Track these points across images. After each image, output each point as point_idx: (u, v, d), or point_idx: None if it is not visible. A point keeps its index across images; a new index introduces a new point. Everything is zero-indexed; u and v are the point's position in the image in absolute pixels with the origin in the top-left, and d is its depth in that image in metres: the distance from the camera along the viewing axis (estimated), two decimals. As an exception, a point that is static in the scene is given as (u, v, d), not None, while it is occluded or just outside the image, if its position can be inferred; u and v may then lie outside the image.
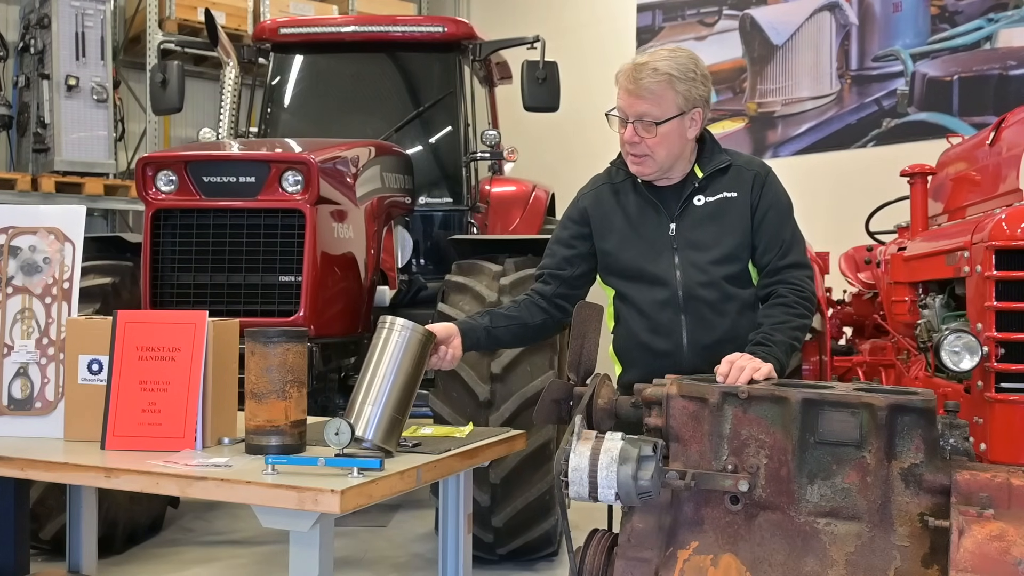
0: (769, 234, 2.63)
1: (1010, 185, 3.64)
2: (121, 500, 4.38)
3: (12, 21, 7.34)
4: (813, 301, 2.64)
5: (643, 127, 2.57)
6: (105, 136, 7.06)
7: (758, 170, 2.69)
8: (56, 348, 2.83)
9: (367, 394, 2.44)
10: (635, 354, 2.68)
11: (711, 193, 2.66)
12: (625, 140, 2.61)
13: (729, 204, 2.64)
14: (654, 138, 2.57)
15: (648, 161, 2.61)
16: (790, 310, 2.55)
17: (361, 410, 2.42)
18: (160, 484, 2.34)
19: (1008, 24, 6.58)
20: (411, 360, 2.49)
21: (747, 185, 2.65)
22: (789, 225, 2.67)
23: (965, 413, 3.11)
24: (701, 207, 2.65)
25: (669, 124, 2.57)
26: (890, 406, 1.98)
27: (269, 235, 4.15)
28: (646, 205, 2.69)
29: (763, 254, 2.63)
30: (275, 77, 5.83)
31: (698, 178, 2.67)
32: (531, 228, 6.08)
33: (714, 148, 2.73)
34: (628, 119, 2.59)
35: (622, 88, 2.61)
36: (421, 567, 4.50)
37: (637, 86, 2.56)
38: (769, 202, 2.64)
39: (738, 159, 2.73)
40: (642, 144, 2.58)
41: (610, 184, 2.78)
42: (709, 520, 2.10)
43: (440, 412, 4.14)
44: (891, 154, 6.53)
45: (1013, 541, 1.83)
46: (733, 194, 2.65)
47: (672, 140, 2.60)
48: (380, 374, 2.46)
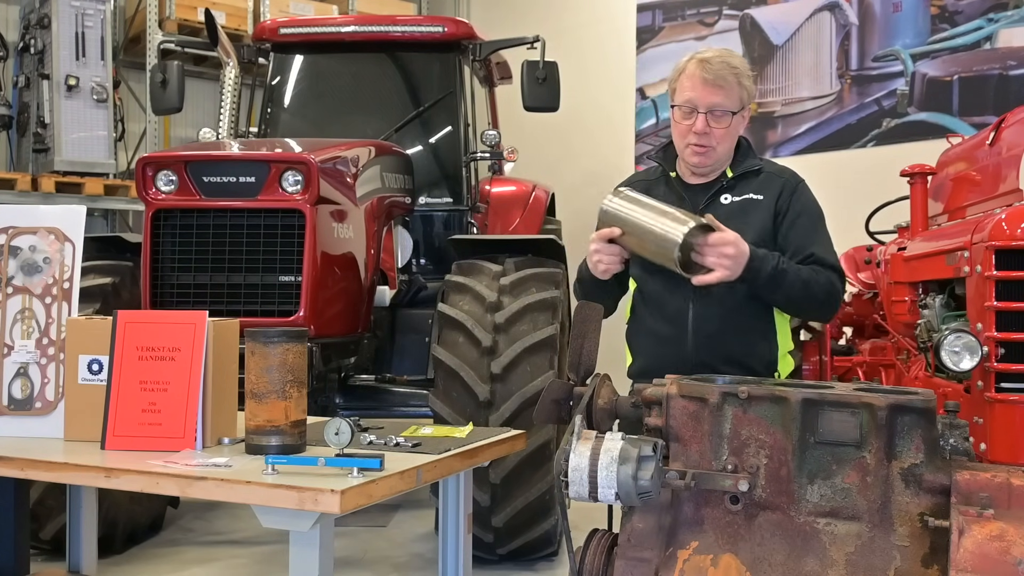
0: (800, 238, 2.68)
1: (1010, 185, 3.64)
2: (121, 500, 4.38)
3: (12, 21, 7.33)
4: (836, 298, 2.69)
5: (715, 118, 2.63)
6: (105, 136, 7.06)
7: (789, 178, 2.76)
8: (56, 348, 2.84)
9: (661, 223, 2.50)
10: (643, 341, 2.74)
11: (737, 193, 2.72)
12: (696, 131, 2.64)
13: (753, 205, 2.69)
14: (722, 129, 2.65)
15: (711, 152, 2.67)
16: (813, 275, 2.60)
17: (667, 227, 2.48)
18: (160, 484, 2.34)
19: (1008, 24, 6.58)
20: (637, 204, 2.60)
21: (775, 190, 2.71)
22: (820, 231, 2.73)
23: (965, 413, 3.10)
24: (727, 205, 2.71)
25: (737, 116, 2.67)
26: (890, 406, 1.98)
27: (269, 235, 4.15)
28: (673, 198, 2.74)
29: (793, 256, 2.67)
30: (275, 77, 5.83)
31: (727, 178, 2.74)
32: (531, 228, 6.08)
33: (748, 152, 2.81)
34: (700, 110, 2.63)
35: (695, 79, 2.65)
36: (421, 567, 4.50)
37: (716, 78, 2.63)
38: (800, 207, 2.70)
39: (770, 166, 2.81)
40: (710, 135, 2.64)
41: (644, 181, 2.86)
42: (709, 520, 2.10)
43: (440, 412, 4.14)
44: (891, 154, 6.53)
45: (1013, 541, 1.83)
46: (759, 197, 2.71)
47: (734, 134, 2.70)
48: (647, 216, 2.54)
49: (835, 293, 2.68)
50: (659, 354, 2.63)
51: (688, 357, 2.60)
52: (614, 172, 8.40)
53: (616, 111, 8.33)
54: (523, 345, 4.17)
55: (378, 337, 5.03)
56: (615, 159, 8.32)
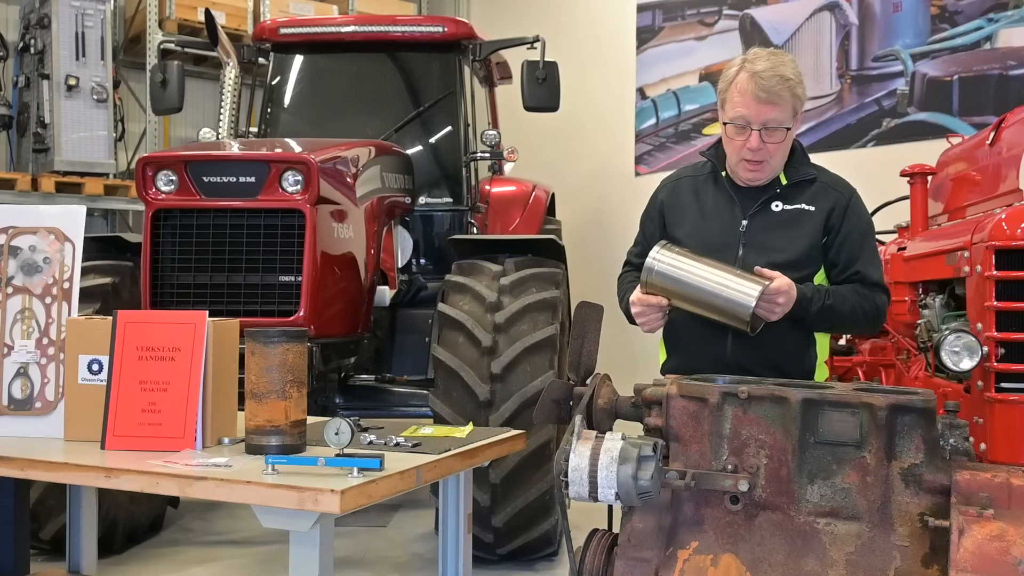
0: (848, 256, 2.66)
1: (1010, 185, 3.64)
2: (121, 500, 4.38)
3: (12, 21, 7.33)
4: (881, 316, 2.70)
5: (768, 134, 2.58)
6: (105, 136, 7.05)
7: (842, 191, 2.72)
8: (56, 348, 2.84)
9: (722, 283, 2.48)
10: (683, 340, 2.71)
11: (790, 202, 2.68)
12: (751, 148, 2.59)
13: (805, 216, 2.66)
14: (776, 144, 2.60)
15: (765, 167, 2.64)
16: (858, 299, 2.61)
17: (735, 286, 2.46)
18: (160, 484, 2.34)
19: (1008, 24, 6.57)
20: (688, 260, 2.56)
21: (828, 203, 2.68)
22: (868, 247, 2.71)
23: (965, 413, 3.10)
24: (778, 213, 2.67)
25: (790, 129, 2.62)
26: (890, 406, 1.98)
27: (269, 235, 4.15)
28: (722, 199, 2.72)
29: (840, 274, 2.67)
30: (275, 77, 5.83)
31: (781, 185, 2.70)
32: (531, 228, 6.08)
33: (803, 160, 2.76)
34: (753, 126, 2.58)
35: (747, 95, 2.58)
36: (421, 567, 4.50)
37: (769, 94, 2.56)
38: (852, 225, 2.68)
39: (824, 175, 2.76)
40: (764, 150, 2.59)
41: (692, 177, 2.83)
42: (709, 520, 2.10)
43: (440, 412, 4.14)
44: (891, 154, 6.52)
45: (1013, 541, 1.83)
46: (811, 208, 2.67)
47: (788, 145, 2.65)
48: (704, 276, 2.51)
49: (879, 314, 2.68)
50: (696, 353, 2.61)
51: (725, 359, 2.59)
52: (614, 172, 8.43)
53: (616, 111, 8.32)
54: (523, 345, 4.17)
55: (378, 337, 5.03)
56: (615, 159, 8.31)
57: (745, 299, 2.44)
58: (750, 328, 2.48)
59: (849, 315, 2.62)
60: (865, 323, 2.70)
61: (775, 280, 2.47)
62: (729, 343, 2.61)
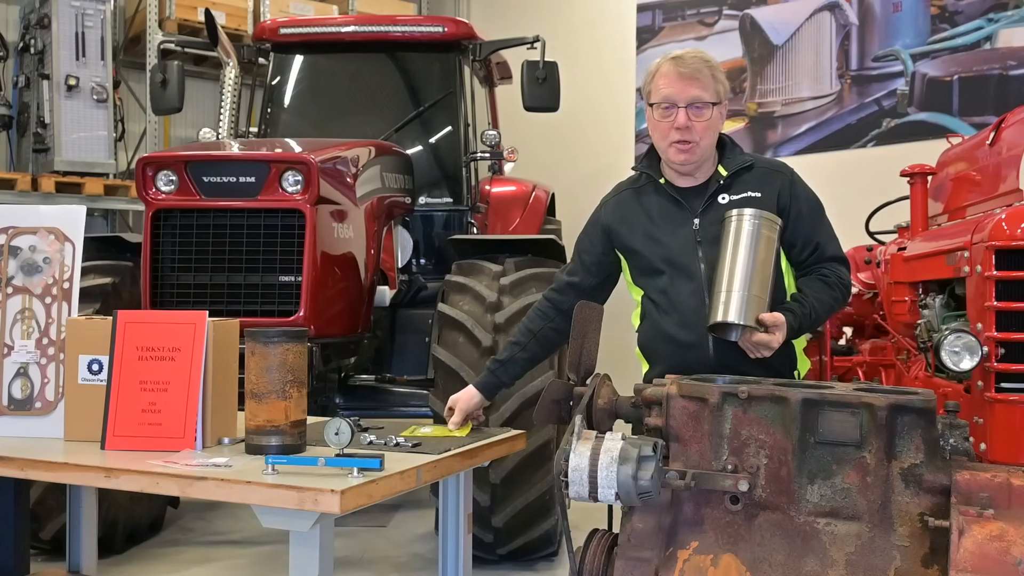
0: (805, 233, 2.71)
1: (1010, 185, 3.64)
2: (121, 500, 4.38)
3: (12, 21, 7.33)
4: (849, 290, 2.76)
5: (695, 111, 2.63)
6: (105, 136, 7.05)
7: (782, 170, 2.77)
8: (56, 348, 2.84)
9: (729, 282, 2.49)
10: (661, 348, 2.72)
11: (735, 192, 2.71)
12: (678, 126, 2.63)
13: (754, 203, 2.67)
14: (704, 123, 2.64)
15: (695, 148, 2.66)
16: (829, 291, 2.68)
17: (727, 298, 2.48)
18: (160, 484, 2.34)
19: (1008, 24, 6.57)
20: (765, 243, 2.55)
21: (773, 186, 2.71)
22: (823, 223, 2.76)
23: (965, 413, 3.10)
24: (726, 205, 2.69)
25: (716, 109, 2.66)
26: (890, 406, 1.98)
27: (269, 235, 4.15)
28: (669, 204, 2.74)
29: (800, 252, 2.72)
30: (275, 77, 5.83)
31: (723, 176, 2.73)
32: (531, 228, 6.08)
33: (735, 149, 2.81)
34: (679, 104, 2.63)
35: (670, 76, 2.65)
36: (421, 567, 4.50)
37: (691, 70, 2.63)
38: (801, 203, 2.72)
39: (760, 161, 2.81)
40: (692, 129, 2.63)
41: (632, 189, 2.85)
42: (709, 520, 2.10)
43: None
44: (891, 154, 6.52)
45: (1013, 541, 1.83)
46: (757, 194, 2.70)
47: (715, 128, 2.70)
48: (739, 260, 2.52)
49: (847, 291, 2.74)
50: (679, 359, 2.60)
51: (709, 361, 2.59)
52: (614, 172, 8.38)
53: (616, 111, 8.32)
54: (523, 345, 4.16)
55: (378, 337, 5.03)
56: (615, 159, 8.30)
57: (719, 312, 2.48)
58: (708, 328, 2.54)
59: (828, 311, 2.73)
60: (839, 308, 2.80)
61: (760, 335, 2.50)
62: (711, 344, 2.62)
